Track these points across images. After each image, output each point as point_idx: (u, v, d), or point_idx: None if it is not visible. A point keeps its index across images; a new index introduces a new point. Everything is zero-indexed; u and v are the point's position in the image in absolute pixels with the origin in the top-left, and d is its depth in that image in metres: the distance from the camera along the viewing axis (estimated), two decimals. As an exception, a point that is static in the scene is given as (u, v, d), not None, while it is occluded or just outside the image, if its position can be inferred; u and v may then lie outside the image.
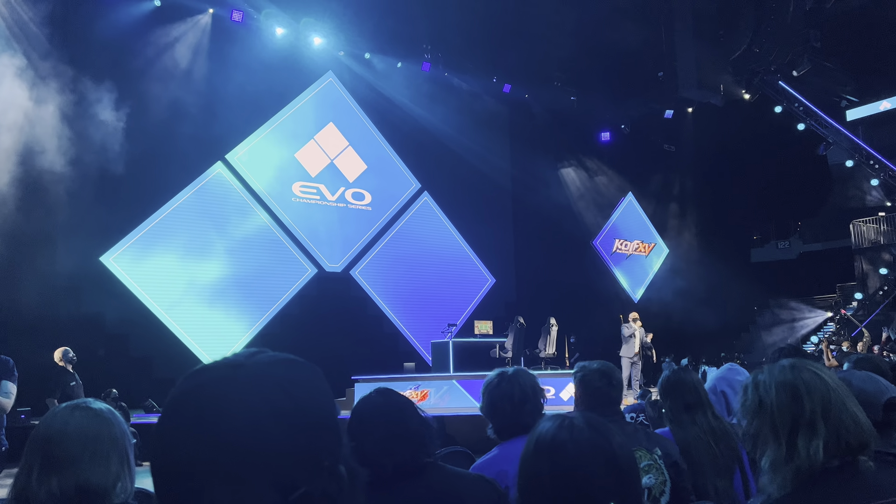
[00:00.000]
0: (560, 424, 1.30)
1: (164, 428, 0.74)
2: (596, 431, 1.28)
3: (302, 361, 0.80)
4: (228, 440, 0.70)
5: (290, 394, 0.75)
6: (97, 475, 1.54)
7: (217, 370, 0.76)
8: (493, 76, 16.98)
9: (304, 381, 0.78)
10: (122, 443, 1.62)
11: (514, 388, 2.50)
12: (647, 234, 21.13)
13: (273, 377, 0.76)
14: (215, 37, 13.33)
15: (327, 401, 0.79)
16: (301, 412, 0.74)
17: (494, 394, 2.53)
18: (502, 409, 2.49)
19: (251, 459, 0.70)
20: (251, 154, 13.84)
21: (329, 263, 14.59)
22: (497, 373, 2.60)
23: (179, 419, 0.74)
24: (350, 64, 15.33)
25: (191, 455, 0.70)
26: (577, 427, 1.28)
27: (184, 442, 0.71)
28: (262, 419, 0.71)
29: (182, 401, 0.75)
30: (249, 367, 0.76)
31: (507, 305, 16.22)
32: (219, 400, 0.73)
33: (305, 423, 0.74)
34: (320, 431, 0.76)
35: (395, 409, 1.94)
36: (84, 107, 11.14)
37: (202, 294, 12.53)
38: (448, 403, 10.81)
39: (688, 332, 18.17)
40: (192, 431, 0.71)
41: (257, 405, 0.72)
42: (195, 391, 0.75)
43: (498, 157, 17.00)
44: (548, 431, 1.30)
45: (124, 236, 12.04)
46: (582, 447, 1.24)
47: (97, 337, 10.94)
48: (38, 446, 1.56)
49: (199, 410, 0.73)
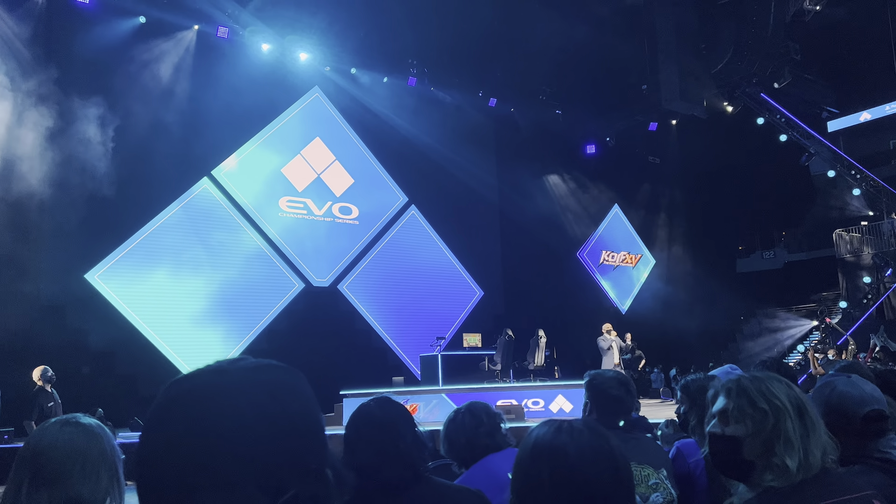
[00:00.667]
0: (559, 428, 1.28)
1: (150, 436, 0.74)
2: (596, 435, 1.27)
3: (285, 367, 0.81)
4: (217, 445, 0.70)
5: (276, 398, 0.75)
6: (88, 490, 1.53)
7: (201, 377, 0.77)
8: (478, 90, 17.09)
9: (288, 386, 0.78)
10: (111, 458, 1.62)
11: (466, 418, 2.56)
12: (633, 246, 21.25)
13: (258, 382, 0.76)
14: (201, 53, 13.33)
15: (311, 405, 0.79)
16: (287, 416, 0.74)
17: (449, 429, 2.59)
18: (458, 441, 2.55)
19: (241, 464, 0.70)
20: (238, 169, 13.82)
21: (316, 278, 14.55)
22: (452, 412, 2.66)
23: (166, 426, 0.73)
24: (336, 79, 15.38)
25: (179, 461, 0.70)
26: (577, 430, 1.26)
27: (172, 448, 0.71)
28: (249, 423, 0.72)
29: (168, 408, 0.74)
30: (234, 373, 0.76)
31: (495, 318, 16.23)
32: (206, 405, 0.72)
33: (292, 426, 0.74)
34: (307, 435, 0.76)
35: (390, 424, 1.94)
36: (69, 124, 11.09)
37: (188, 310, 12.44)
38: (437, 417, 10.77)
39: (675, 343, 18.27)
40: (180, 437, 0.71)
41: (244, 410, 0.72)
42: (181, 398, 0.75)
43: (484, 171, 17.06)
44: (546, 435, 1.28)
45: (109, 253, 11.95)
46: (583, 450, 1.23)
47: (82, 355, 10.82)
48: (28, 461, 1.55)
49: (186, 417, 0.72)
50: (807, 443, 1.49)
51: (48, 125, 10.85)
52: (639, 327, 17.17)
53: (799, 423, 1.51)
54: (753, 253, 24.02)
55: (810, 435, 1.49)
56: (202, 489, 0.69)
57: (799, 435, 1.50)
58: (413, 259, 16.04)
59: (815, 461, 1.47)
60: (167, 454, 0.71)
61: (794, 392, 1.55)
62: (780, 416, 1.54)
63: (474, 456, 2.48)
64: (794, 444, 1.49)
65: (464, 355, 12.54)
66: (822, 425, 1.51)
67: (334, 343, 13.58)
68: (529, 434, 1.32)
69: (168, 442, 0.72)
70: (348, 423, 1.98)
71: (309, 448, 0.75)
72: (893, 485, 1.80)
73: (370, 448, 1.89)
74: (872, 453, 1.88)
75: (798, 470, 1.47)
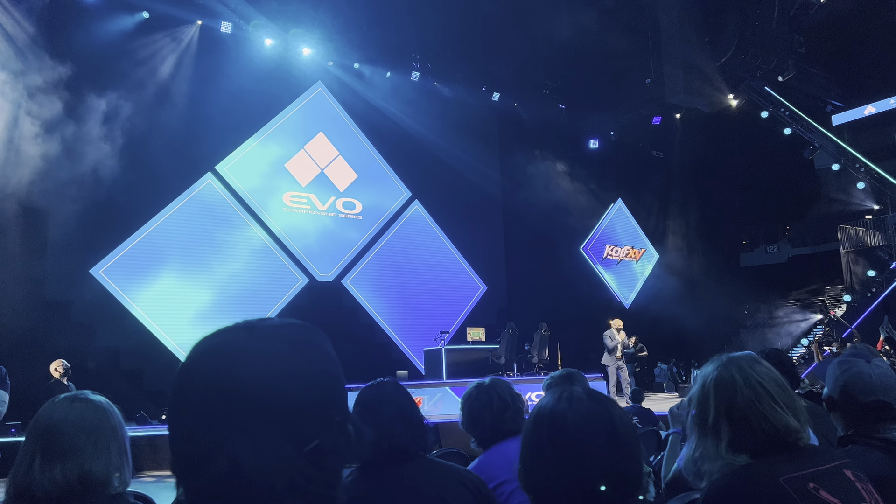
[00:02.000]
0: (559, 396, 1.32)
1: (182, 384, 0.77)
2: (596, 401, 1.30)
3: (310, 326, 0.85)
4: (247, 394, 0.73)
5: (302, 353, 0.79)
6: (99, 464, 1.58)
7: (231, 332, 0.80)
8: (482, 85, 17.06)
9: (314, 343, 0.82)
10: (120, 434, 1.66)
11: (493, 398, 2.53)
12: (637, 240, 21.22)
13: (285, 338, 0.80)
14: (204, 48, 13.34)
15: (334, 363, 0.83)
16: (313, 371, 0.79)
17: (473, 406, 2.56)
18: (482, 420, 2.52)
19: (269, 413, 0.73)
20: (241, 164, 13.84)
21: (320, 273, 14.58)
22: (474, 385, 2.63)
23: (198, 376, 0.77)
24: (339, 74, 15.37)
25: (210, 409, 0.73)
26: (577, 398, 1.30)
27: (203, 397, 0.74)
28: (278, 375, 0.75)
29: (200, 360, 0.78)
30: (262, 329, 0.80)
31: (499, 312, 16.26)
32: (236, 357, 0.76)
33: (316, 381, 0.78)
34: (331, 390, 0.80)
35: (406, 398, 2.01)
36: (72, 118, 11.11)
37: (193, 305, 12.49)
38: (441, 410, 10.81)
39: (679, 337, 18.26)
40: (212, 386, 0.74)
41: (273, 362, 0.76)
42: (212, 350, 0.78)
43: (487, 166, 17.05)
44: (547, 404, 1.33)
45: (114, 248, 12.00)
46: (581, 416, 1.26)
47: (87, 350, 10.87)
48: (40, 435, 1.59)
49: (217, 367, 0.76)
50: (735, 423, 1.50)
51: (51, 120, 10.87)
52: (642, 322, 17.18)
53: (721, 403, 1.53)
54: (757, 247, 23.96)
55: (740, 414, 1.50)
56: (231, 436, 0.72)
57: (720, 418, 1.52)
58: (416, 254, 16.06)
59: (720, 454, 1.49)
60: (198, 402, 0.75)
61: (725, 373, 1.56)
62: (703, 398, 1.57)
63: (496, 438, 2.48)
64: (709, 428, 1.53)
65: (468, 349, 12.55)
66: (776, 401, 1.50)
67: (338, 338, 13.32)
68: (536, 404, 1.38)
69: (199, 390, 0.75)
70: (363, 390, 2.03)
71: (333, 402, 0.80)
72: (890, 463, 1.82)
73: (387, 409, 1.94)
74: (873, 434, 1.91)
75: (728, 452, 1.49)
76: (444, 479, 1.95)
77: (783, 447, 1.47)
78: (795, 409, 1.52)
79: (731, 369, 1.57)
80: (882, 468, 1.76)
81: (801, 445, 1.49)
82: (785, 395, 1.53)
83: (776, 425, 1.48)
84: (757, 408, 1.50)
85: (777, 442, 1.47)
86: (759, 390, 1.51)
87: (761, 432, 1.48)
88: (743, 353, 1.64)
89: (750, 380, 1.53)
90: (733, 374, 1.55)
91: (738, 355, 1.62)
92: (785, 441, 1.48)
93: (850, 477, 1.47)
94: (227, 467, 0.71)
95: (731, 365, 1.58)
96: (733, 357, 1.61)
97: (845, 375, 2.01)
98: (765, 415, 1.49)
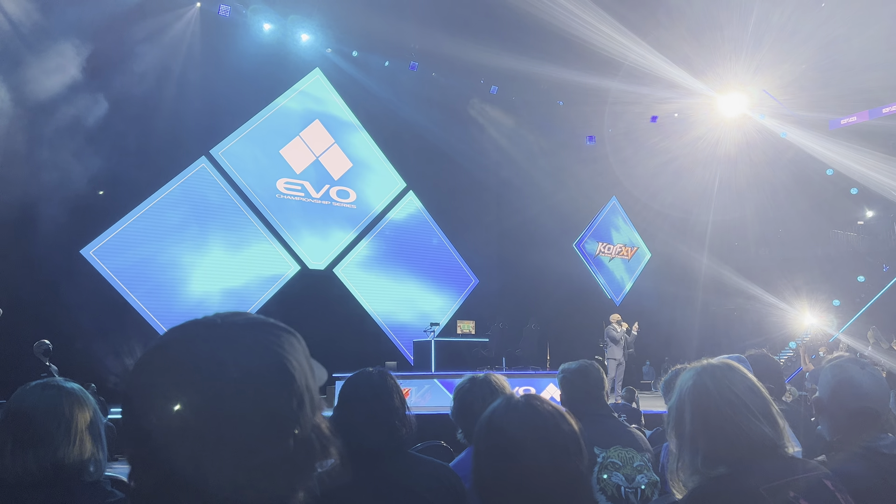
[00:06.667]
0: (500, 403, 1.35)
1: (132, 380, 0.74)
2: (532, 410, 1.31)
3: (281, 326, 0.80)
4: (190, 401, 0.69)
5: (261, 357, 0.74)
6: (73, 452, 1.56)
7: (191, 329, 0.77)
8: (480, 77, 17.01)
9: (277, 352, 0.76)
10: (95, 422, 1.64)
11: (486, 392, 2.53)
12: (630, 238, 21.26)
13: (246, 340, 0.75)
14: (202, 31, 13.24)
15: (301, 371, 0.77)
16: (270, 377, 0.74)
17: (466, 398, 2.56)
18: (473, 413, 2.52)
19: (211, 420, 0.69)
20: (236, 149, 13.76)
21: (312, 261, 14.54)
22: (468, 377, 2.63)
23: (145, 375, 0.73)
24: (337, 61, 15.30)
25: (151, 412, 0.70)
26: (514, 405, 1.33)
27: (149, 397, 0.71)
28: (228, 385, 0.71)
29: (152, 357, 0.75)
30: (224, 328, 0.76)
31: (490, 306, 16.26)
32: (186, 361, 0.72)
33: (273, 392, 0.73)
34: (290, 398, 0.74)
35: (386, 393, 1.99)
36: (67, 99, 11.01)
37: (183, 289, 12.45)
38: (429, 402, 10.83)
39: (670, 335, 18.34)
40: (156, 387, 0.71)
41: (226, 370, 0.72)
42: (168, 345, 0.75)
43: (484, 158, 17.02)
44: (489, 410, 1.36)
45: (105, 230, 11.93)
46: (513, 424, 1.29)
47: (75, 331, 10.81)
48: (10, 422, 1.57)
49: (165, 363, 0.73)
50: (712, 435, 1.48)
51: (45, 100, 10.78)
52: (632, 320, 17.20)
53: (696, 416, 1.51)
54: (749, 249, 24.00)
55: (716, 426, 1.48)
56: (168, 445, 0.69)
57: (696, 430, 1.50)
58: (409, 245, 16.04)
59: (733, 450, 1.46)
60: (144, 403, 0.71)
61: (699, 383, 1.54)
62: (679, 410, 1.56)
63: None
64: (686, 440, 1.52)
65: (457, 342, 12.58)
66: (751, 411, 1.48)
67: (328, 326, 13.56)
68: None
69: (145, 392, 0.72)
70: (347, 381, 2.03)
71: (288, 414, 0.74)
72: (874, 474, 1.82)
73: (363, 408, 1.93)
74: (858, 442, 1.91)
75: (703, 465, 1.47)
76: (419, 477, 1.94)
77: (762, 457, 1.46)
78: (772, 417, 1.50)
79: (704, 378, 1.54)
80: (863, 480, 1.75)
81: (779, 454, 1.48)
82: (761, 404, 1.51)
83: (751, 436, 1.46)
84: (732, 419, 1.47)
85: (755, 452, 1.46)
86: (735, 400, 1.49)
87: (738, 444, 1.46)
88: (718, 361, 1.62)
89: (724, 391, 1.51)
90: (707, 384, 1.53)
91: (713, 363, 1.60)
92: (763, 451, 1.46)
93: (830, 487, 1.46)
94: (163, 475, 0.69)
95: (706, 374, 1.55)
96: (707, 366, 1.58)
97: (837, 379, 2.01)
98: (740, 426, 1.47)
